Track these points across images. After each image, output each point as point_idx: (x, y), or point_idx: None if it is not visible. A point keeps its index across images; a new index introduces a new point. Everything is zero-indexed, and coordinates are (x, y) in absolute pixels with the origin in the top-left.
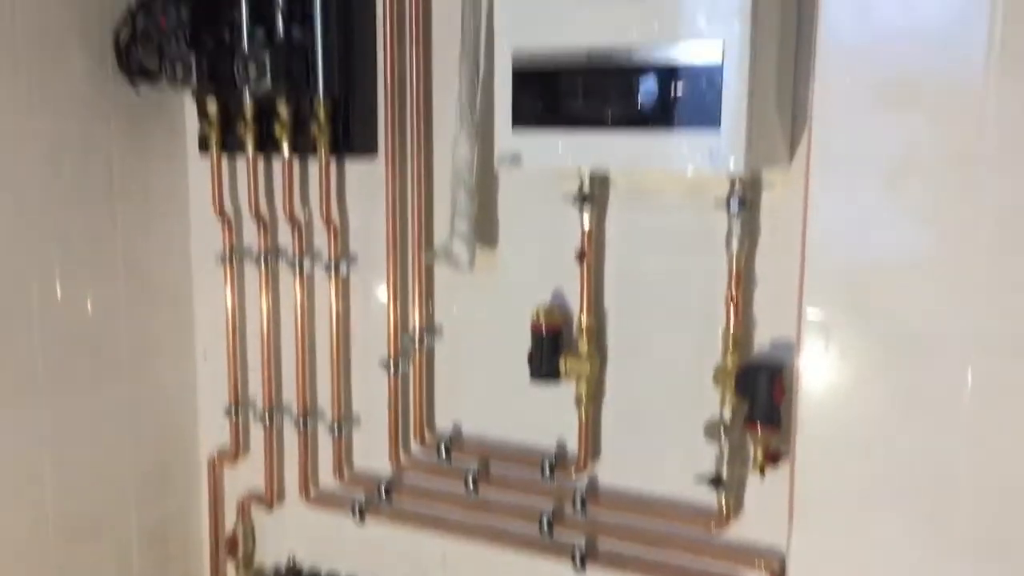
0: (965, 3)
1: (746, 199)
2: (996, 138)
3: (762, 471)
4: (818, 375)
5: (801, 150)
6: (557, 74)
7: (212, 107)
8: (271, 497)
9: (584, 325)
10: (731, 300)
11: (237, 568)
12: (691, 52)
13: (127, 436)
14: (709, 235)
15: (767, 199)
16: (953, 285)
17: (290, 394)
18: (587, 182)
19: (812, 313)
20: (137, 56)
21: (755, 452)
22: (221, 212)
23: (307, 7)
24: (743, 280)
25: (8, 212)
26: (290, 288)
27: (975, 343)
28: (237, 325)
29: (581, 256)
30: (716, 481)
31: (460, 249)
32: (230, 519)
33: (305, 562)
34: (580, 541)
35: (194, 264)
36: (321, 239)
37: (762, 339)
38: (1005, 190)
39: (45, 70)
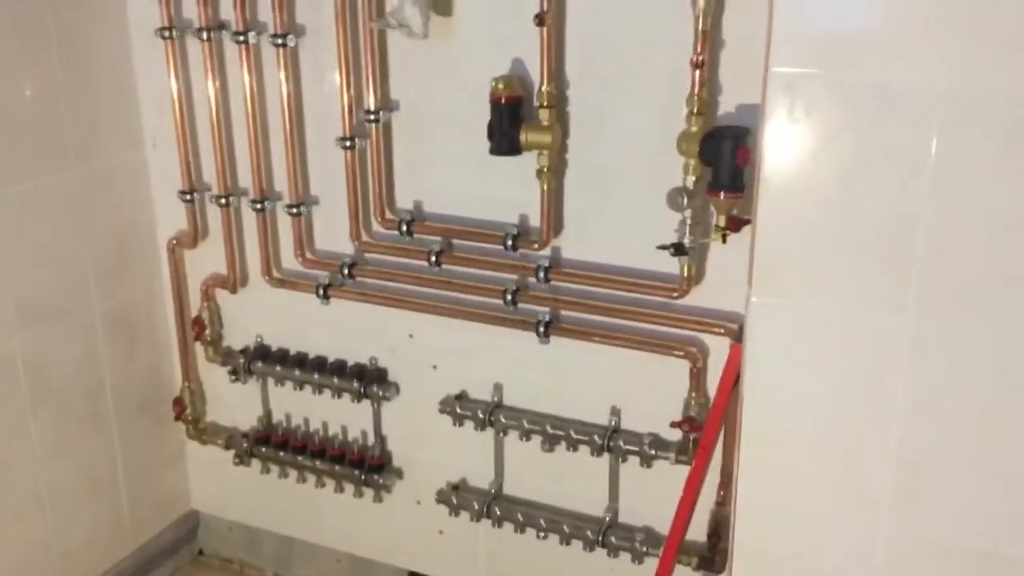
0: None
1: None
2: None
3: (724, 238)
4: (784, 133)
5: None
6: None
7: None
8: (234, 280)
9: (545, 94)
10: (696, 63)
11: (206, 350)
12: None
13: (79, 221)
14: None
15: None
16: (924, 40)
17: (246, 177)
18: None
19: (779, 70)
20: None
21: (718, 219)
22: None
23: None
24: (709, 41)
25: None
26: (236, 66)
27: (945, 99)
28: (185, 106)
29: (540, 19)
30: (678, 249)
31: (412, 14)
32: (195, 303)
33: (273, 343)
34: (544, 312)
35: (133, 40)
36: (265, 10)
37: (727, 104)
38: None
39: None
